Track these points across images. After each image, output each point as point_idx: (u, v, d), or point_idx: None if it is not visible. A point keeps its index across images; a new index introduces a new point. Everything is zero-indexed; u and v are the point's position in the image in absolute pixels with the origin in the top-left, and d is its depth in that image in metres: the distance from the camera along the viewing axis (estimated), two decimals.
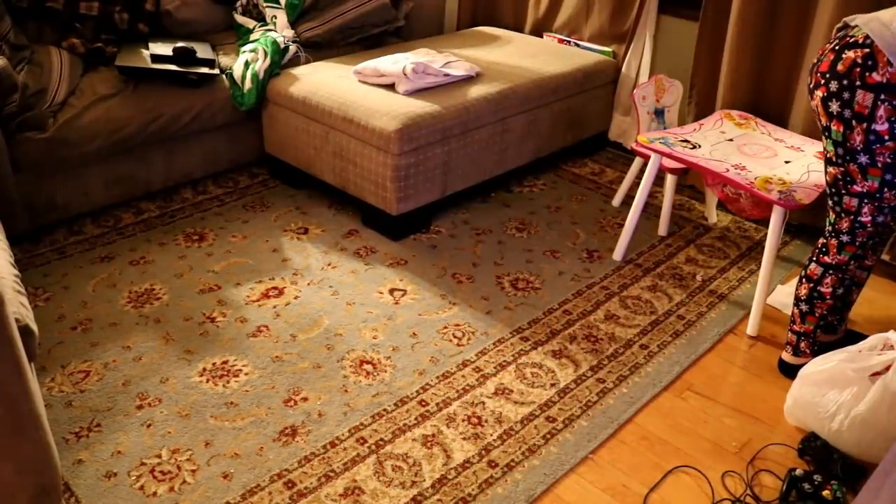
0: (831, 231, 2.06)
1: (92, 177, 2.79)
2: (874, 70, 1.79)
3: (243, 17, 3.43)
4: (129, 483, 1.81)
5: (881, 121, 1.82)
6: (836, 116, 1.88)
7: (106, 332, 2.30)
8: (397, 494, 1.81)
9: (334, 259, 2.71)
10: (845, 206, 1.98)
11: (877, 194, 1.91)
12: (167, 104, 2.86)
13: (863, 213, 1.96)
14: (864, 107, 1.83)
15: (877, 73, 1.79)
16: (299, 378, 2.15)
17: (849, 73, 1.83)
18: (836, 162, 1.94)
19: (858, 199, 1.94)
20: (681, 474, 1.92)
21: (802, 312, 2.16)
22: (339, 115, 2.78)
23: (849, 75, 1.83)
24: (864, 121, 1.84)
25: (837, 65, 1.84)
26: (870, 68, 1.80)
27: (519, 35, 3.69)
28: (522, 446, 1.97)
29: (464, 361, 2.25)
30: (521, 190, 3.28)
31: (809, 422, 1.99)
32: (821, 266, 2.09)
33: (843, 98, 1.85)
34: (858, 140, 1.86)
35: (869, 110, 1.82)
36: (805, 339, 2.18)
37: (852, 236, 2.01)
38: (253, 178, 3.27)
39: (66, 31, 3.02)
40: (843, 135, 1.88)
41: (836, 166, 1.95)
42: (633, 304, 2.55)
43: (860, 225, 1.98)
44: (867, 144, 1.86)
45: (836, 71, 1.85)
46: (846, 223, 2.00)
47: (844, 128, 1.87)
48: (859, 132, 1.85)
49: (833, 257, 2.06)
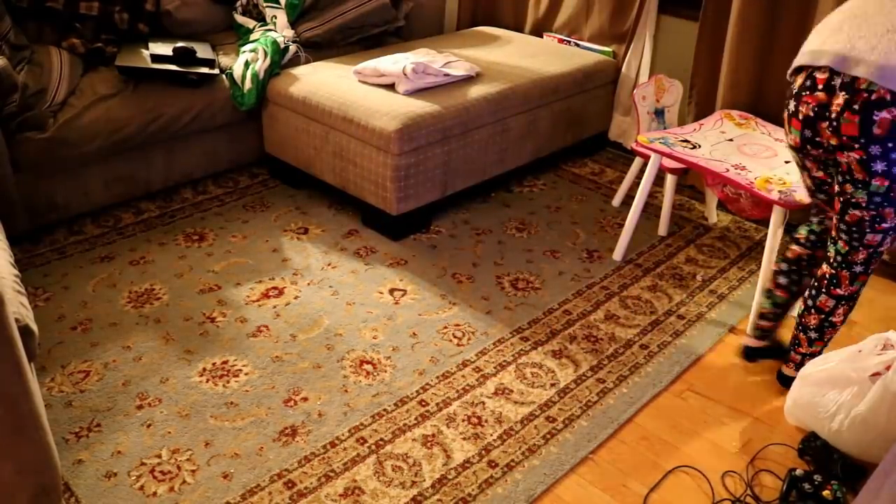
0: (842, 262, 1.97)
1: (92, 177, 2.79)
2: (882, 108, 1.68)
3: (243, 17, 3.43)
4: (129, 483, 1.81)
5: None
6: (882, 174, 1.76)
7: (106, 332, 2.30)
8: (397, 494, 1.81)
9: (334, 259, 2.71)
10: (867, 242, 1.90)
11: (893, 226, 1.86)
12: (167, 104, 2.86)
13: (884, 243, 1.91)
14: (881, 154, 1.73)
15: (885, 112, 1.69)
16: (299, 378, 2.15)
17: (892, 135, 1.70)
18: (867, 207, 1.83)
19: (883, 234, 1.88)
20: (681, 474, 1.92)
21: (811, 339, 2.10)
22: (339, 115, 2.78)
23: (893, 137, 1.70)
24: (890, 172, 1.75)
25: (873, 129, 1.71)
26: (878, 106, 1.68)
27: (519, 35, 3.69)
28: (522, 446, 1.97)
29: (464, 361, 2.25)
30: (521, 190, 3.28)
31: (809, 422, 1.99)
32: (833, 298, 2.02)
33: (890, 158, 1.73)
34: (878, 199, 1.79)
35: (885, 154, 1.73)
36: (810, 358, 2.12)
37: (866, 266, 1.96)
38: (253, 178, 3.27)
39: (66, 31, 3.02)
40: (887, 188, 1.78)
41: (865, 210, 1.84)
42: (633, 304, 2.55)
43: (877, 254, 1.93)
44: (887, 191, 1.78)
45: (874, 136, 1.71)
46: (863, 255, 1.93)
47: (891, 182, 1.77)
48: (881, 177, 1.76)
49: (846, 289, 2.00)
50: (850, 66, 1.71)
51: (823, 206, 2.06)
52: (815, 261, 2.14)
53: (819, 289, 2.04)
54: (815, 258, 2.14)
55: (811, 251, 2.14)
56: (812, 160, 1.94)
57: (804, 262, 2.15)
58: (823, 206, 2.06)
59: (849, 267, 1.97)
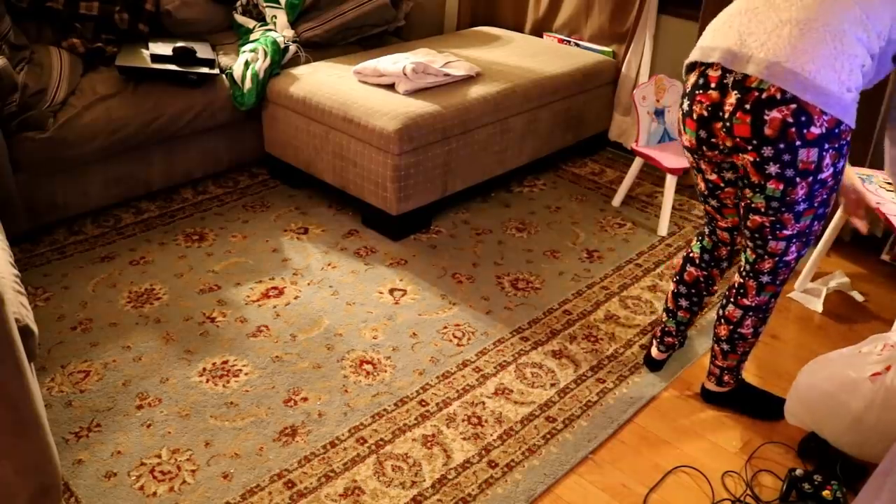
0: (749, 271, 1.90)
1: (92, 177, 2.79)
2: (811, 125, 1.59)
3: (243, 17, 3.43)
4: (129, 483, 1.81)
5: (826, 169, 1.66)
6: (776, 177, 1.68)
7: (106, 332, 2.30)
8: (397, 494, 1.81)
9: (334, 259, 2.71)
10: (770, 249, 1.82)
11: (806, 230, 1.78)
12: (167, 104, 2.86)
13: (789, 252, 1.82)
14: (811, 163, 1.64)
15: (815, 127, 1.60)
16: (299, 378, 2.15)
17: (783, 136, 1.61)
18: (765, 213, 1.76)
19: (787, 241, 1.80)
20: (681, 474, 1.92)
21: (724, 351, 2.03)
22: (339, 115, 2.78)
23: (784, 138, 1.61)
24: (811, 175, 1.66)
25: (764, 129, 1.62)
26: (805, 124, 1.59)
27: (519, 35, 3.69)
28: (522, 446, 1.96)
29: (464, 361, 2.25)
30: (521, 190, 3.28)
31: (809, 422, 1.99)
32: (740, 308, 1.94)
33: (782, 160, 1.65)
34: (802, 193, 1.69)
35: (815, 164, 1.64)
36: (728, 372, 2.07)
37: (773, 276, 1.87)
38: (253, 178, 3.27)
39: (66, 31, 3.02)
40: (782, 191, 1.70)
41: (764, 216, 1.77)
42: (633, 304, 2.55)
43: (784, 264, 1.85)
44: (810, 193, 1.70)
45: (765, 137, 1.63)
46: (769, 264, 1.85)
47: (786, 185, 1.68)
48: (804, 186, 1.68)
49: (752, 299, 1.92)
50: (741, 64, 1.64)
51: (714, 213, 1.98)
52: (711, 280, 2.10)
53: (728, 298, 1.98)
54: (711, 277, 2.09)
55: (706, 272, 2.08)
56: (707, 162, 1.84)
57: (701, 283, 2.10)
58: (714, 213, 1.98)
59: (755, 276, 1.89)
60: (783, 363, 2.32)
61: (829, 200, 1.74)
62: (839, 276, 2.65)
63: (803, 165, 1.64)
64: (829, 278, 2.65)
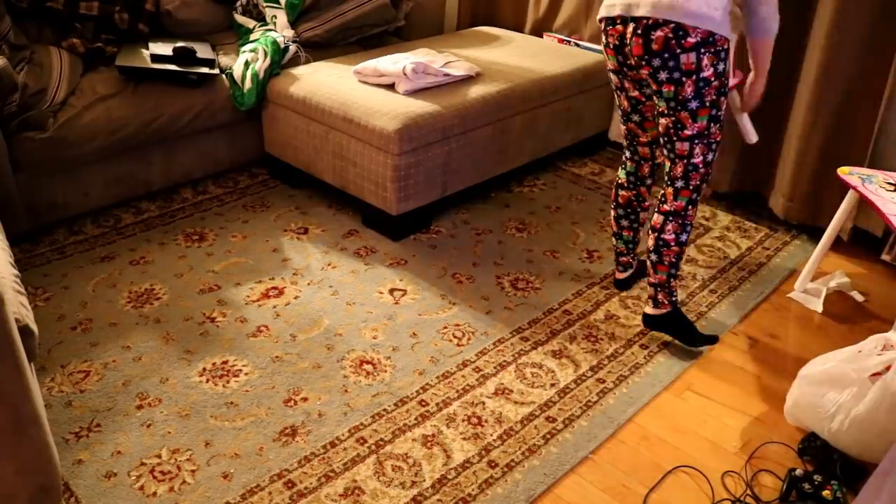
0: (666, 179, 2.20)
1: (92, 177, 2.79)
2: (687, 36, 1.96)
3: (243, 17, 3.43)
4: (129, 483, 1.81)
5: (707, 69, 2.00)
6: (667, 81, 2.03)
7: (106, 332, 2.30)
8: (397, 494, 1.81)
9: (334, 259, 2.71)
10: (678, 151, 2.13)
11: (705, 132, 2.08)
12: (167, 104, 2.86)
13: (695, 154, 2.11)
14: (691, 64, 1.99)
15: (690, 37, 1.96)
16: (299, 378, 2.15)
17: (667, 48, 1.99)
18: (667, 114, 2.09)
19: (689, 142, 2.10)
20: (681, 474, 1.92)
21: (653, 262, 2.26)
22: (339, 115, 2.78)
23: (667, 49, 1.99)
24: (693, 74, 2.00)
25: (651, 45, 2.00)
26: (682, 37, 1.97)
27: (519, 35, 3.69)
28: (522, 446, 1.97)
29: (464, 361, 2.25)
30: (521, 190, 3.28)
31: (809, 422, 1.99)
32: (661, 214, 2.22)
33: (668, 66, 2.01)
34: (689, 91, 2.03)
35: (695, 65, 1.99)
36: (661, 289, 2.28)
37: (686, 181, 2.15)
38: (253, 178, 3.28)
39: (66, 31, 3.02)
40: (674, 92, 2.04)
41: (668, 117, 2.10)
42: (633, 304, 2.55)
43: (693, 167, 2.13)
44: (697, 91, 2.02)
45: (653, 51, 2.01)
46: (680, 168, 2.15)
47: (675, 86, 2.03)
48: (689, 84, 2.02)
49: (671, 205, 2.19)
50: (634, 10, 2.02)
51: (636, 129, 2.32)
52: (641, 197, 2.44)
53: (655, 209, 2.28)
54: (640, 195, 2.44)
55: (635, 191, 2.43)
56: (629, 81, 2.20)
57: (633, 202, 2.45)
58: (636, 129, 2.32)
59: (672, 182, 2.18)
60: (783, 363, 2.32)
61: (718, 103, 2.06)
62: (839, 276, 2.65)
63: (685, 67, 2.00)
64: (829, 278, 2.65)
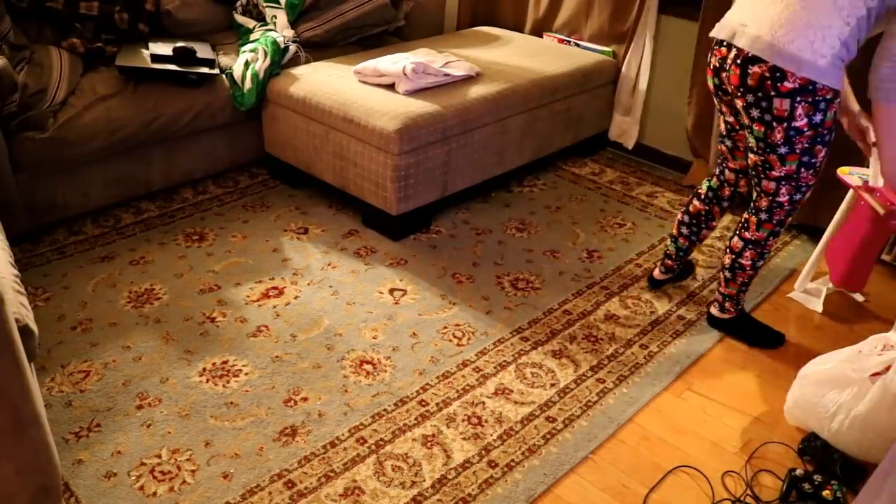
0: (752, 208, 2.21)
1: (92, 177, 2.79)
2: (784, 80, 1.91)
3: (243, 17, 3.43)
4: (129, 483, 1.81)
5: (800, 118, 1.96)
6: (758, 120, 2.02)
7: (106, 332, 2.30)
8: (397, 494, 1.81)
9: (334, 259, 2.71)
10: (764, 188, 2.14)
11: (794, 175, 2.07)
12: (167, 104, 2.86)
13: (780, 193, 2.12)
14: (784, 111, 1.95)
15: (788, 82, 1.91)
16: (299, 378, 2.15)
17: (761, 87, 1.96)
18: (756, 152, 2.10)
19: (776, 182, 2.10)
20: (681, 474, 1.92)
21: (726, 279, 2.33)
22: (339, 115, 2.78)
23: (762, 88, 1.96)
24: (785, 121, 1.97)
25: (747, 80, 1.98)
26: (779, 79, 1.92)
27: (519, 35, 3.69)
28: (522, 446, 1.96)
29: (464, 361, 2.25)
30: (521, 190, 3.28)
31: (809, 422, 1.99)
32: (741, 241, 2.26)
33: (761, 106, 1.98)
34: (779, 137, 2.01)
35: (788, 113, 1.95)
36: (729, 300, 2.37)
37: (770, 215, 2.17)
38: (253, 178, 3.27)
39: (66, 31, 3.02)
40: (764, 133, 2.03)
41: (756, 155, 2.10)
42: (633, 304, 2.55)
43: (778, 205, 2.14)
44: (787, 139, 2.00)
45: (748, 85, 1.98)
46: (765, 202, 2.16)
47: (766, 128, 2.01)
48: (780, 131, 1.99)
49: (752, 233, 2.22)
50: (737, 39, 2.01)
51: (727, 154, 2.31)
52: (711, 216, 2.43)
53: (735, 231, 2.30)
54: (711, 213, 2.43)
55: (708, 207, 2.42)
56: (725, 105, 2.18)
57: (702, 216, 2.44)
58: (727, 154, 2.31)
59: (756, 213, 2.20)
60: (783, 363, 2.32)
61: (813, 151, 2.02)
62: None
63: (777, 112, 1.96)
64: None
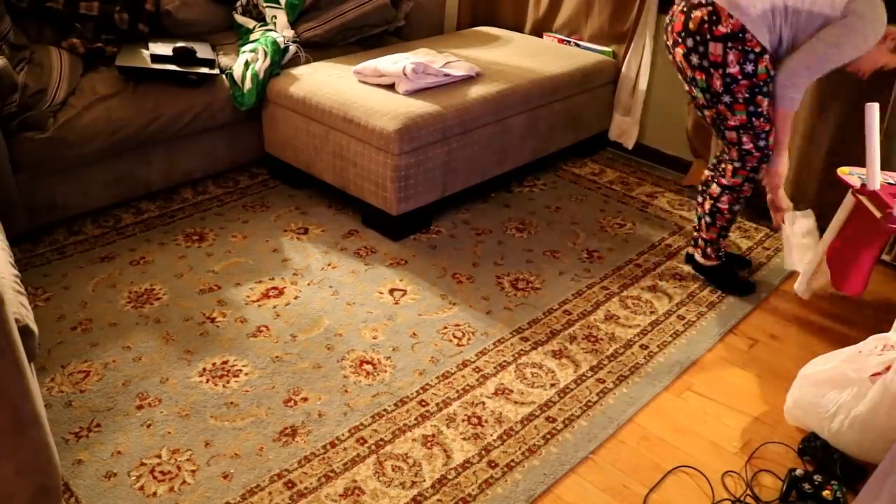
0: (728, 159, 2.40)
1: (92, 177, 2.79)
2: (719, 23, 2.13)
3: (243, 17, 3.43)
4: (129, 483, 1.81)
5: (732, 65, 2.15)
6: (698, 67, 2.22)
7: (106, 332, 2.30)
8: (397, 494, 1.81)
9: (334, 259, 2.71)
10: (729, 139, 2.34)
11: (748, 124, 2.26)
12: (167, 104, 2.86)
13: (744, 142, 2.31)
14: (717, 56, 2.16)
15: (721, 26, 2.13)
16: (299, 378, 2.15)
17: (699, 30, 2.16)
18: (708, 105, 2.29)
19: (736, 132, 2.29)
20: (681, 474, 1.92)
21: (707, 224, 2.52)
22: (339, 115, 2.78)
23: (699, 31, 2.17)
24: (720, 67, 2.17)
25: (689, 24, 2.19)
26: (715, 22, 2.13)
27: (519, 35, 3.69)
28: (522, 446, 1.97)
29: (464, 361, 2.25)
30: (521, 190, 3.28)
31: (809, 422, 1.99)
32: (719, 186, 2.45)
33: (699, 51, 2.19)
34: (718, 84, 2.20)
35: (721, 58, 2.16)
36: (710, 245, 2.56)
37: (742, 163, 2.36)
38: (253, 178, 3.28)
39: (66, 31, 3.02)
40: (706, 82, 2.22)
41: (709, 109, 2.31)
42: (633, 304, 2.55)
43: (746, 152, 2.33)
44: (726, 86, 2.19)
45: (688, 29, 2.19)
46: (735, 152, 2.36)
47: (706, 76, 2.21)
48: (717, 77, 2.19)
49: (729, 180, 2.42)
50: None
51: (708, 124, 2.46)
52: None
53: (713, 178, 2.49)
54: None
55: (714, 173, 2.54)
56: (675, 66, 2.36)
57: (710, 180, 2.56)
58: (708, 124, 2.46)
59: (731, 162, 2.39)
60: (783, 363, 2.32)
61: (755, 101, 2.21)
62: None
63: (713, 58, 2.16)
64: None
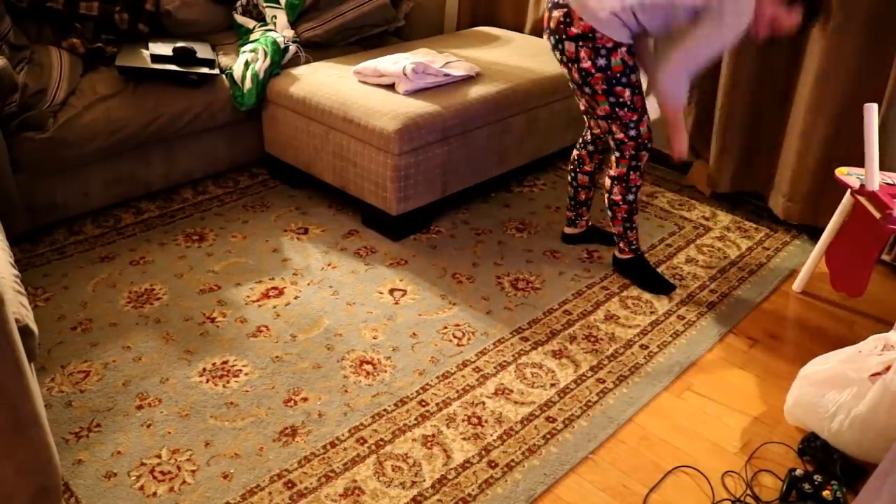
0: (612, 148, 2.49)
1: (92, 177, 2.79)
2: (571, 25, 2.26)
3: (243, 17, 3.43)
4: (129, 483, 1.81)
5: (585, 60, 2.28)
6: (560, 62, 2.37)
7: (106, 332, 2.30)
8: (397, 494, 1.81)
9: (334, 259, 2.71)
10: (602, 128, 2.46)
11: (612, 114, 2.37)
12: (167, 104, 2.86)
13: (614, 131, 2.41)
14: (571, 53, 2.30)
15: (573, 27, 2.26)
16: (299, 378, 2.15)
17: (557, 29, 2.31)
18: (579, 96, 2.46)
19: (605, 121, 2.41)
20: (681, 474, 1.92)
21: (611, 217, 2.58)
22: (339, 115, 2.78)
23: (557, 30, 2.31)
24: (574, 62, 2.31)
25: (551, 23, 2.33)
26: (569, 24, 2.27)
27: (519, 35, 3.69)
28: (522, 446, 1.97)
29: (464, 361, 2.25)
30: (521, 190, 3.28)
31: (809, 422, 1.99)
32: (609, 178, 2.52)
33: (559, 48, 2.34)
34: (577, 77, 2.34)
35: (574, 55, 2.30)
36: (620, 239, 2.61)
37: (620, 151, 2.45)
38: (253, 178, 3.28)
39: (66, 31, 3.02)
40: (569, 75, 2.37)
41: (580, 99, 2.48)
42: (633, 304, 2.55)
43: (620, 141, 2.43)
44: (583, 79, 2.33)
45: (550, 28, 2.34)
46: (611, 141, 2.46)
47: (567, 70, 2.37)
48: (575, 71, 2.34)
49: (615, 170, 2.50)
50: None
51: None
52: (581, 160, 2.70)
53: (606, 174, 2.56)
54: (581, 158, 2.69)
55: (579, 152, 2.70)
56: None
57: (576, 160, 2.71)
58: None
59: (612, 153, 2.50)
60: (783, 363, 2.32)
61: (614, 91, 2.32)
62: None
63: (568, 55, 2.32)
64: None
